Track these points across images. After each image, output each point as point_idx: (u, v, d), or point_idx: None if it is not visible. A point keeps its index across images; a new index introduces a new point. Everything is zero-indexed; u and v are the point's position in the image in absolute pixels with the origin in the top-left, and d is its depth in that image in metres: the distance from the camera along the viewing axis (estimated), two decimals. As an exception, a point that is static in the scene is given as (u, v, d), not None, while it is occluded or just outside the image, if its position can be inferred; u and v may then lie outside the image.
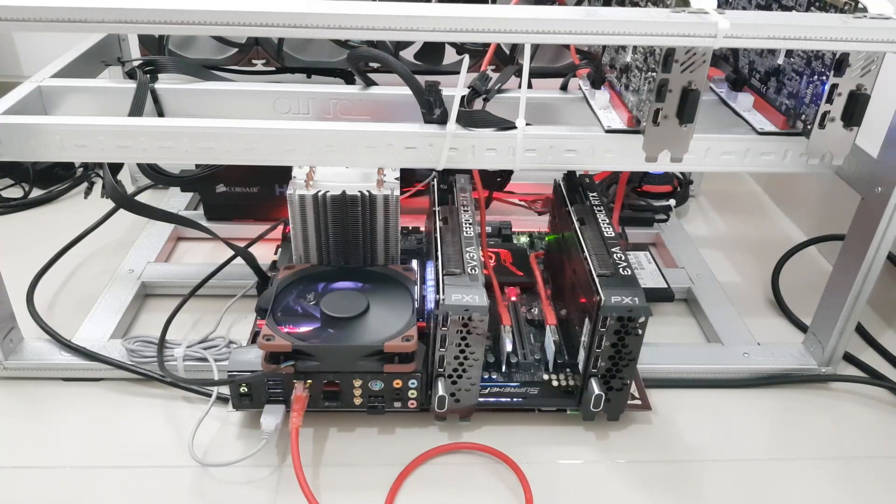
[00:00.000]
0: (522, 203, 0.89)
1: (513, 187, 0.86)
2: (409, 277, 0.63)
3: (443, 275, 0.56)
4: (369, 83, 0.66)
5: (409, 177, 0.78)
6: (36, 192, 0.95)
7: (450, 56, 0.76)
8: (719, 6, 0.48)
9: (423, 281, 0.66)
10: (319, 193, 0.63)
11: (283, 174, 0.66)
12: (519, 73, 0.56)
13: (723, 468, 0.59)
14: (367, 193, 0.63)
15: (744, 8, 0.66)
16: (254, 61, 0.76)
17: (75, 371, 0.64)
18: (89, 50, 0.75)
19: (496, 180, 0.81)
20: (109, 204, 0.72)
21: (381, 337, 0.56)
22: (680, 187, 0.92)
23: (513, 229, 0.84)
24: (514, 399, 0.60)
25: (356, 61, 0.66)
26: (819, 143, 0.54)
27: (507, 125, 0.56)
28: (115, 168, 0.69)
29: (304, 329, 0.57)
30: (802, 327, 0.75)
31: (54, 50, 0.72)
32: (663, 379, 0.66)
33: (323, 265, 0.66)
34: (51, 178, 0.96)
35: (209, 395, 0.61)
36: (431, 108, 0.57)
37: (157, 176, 0.70)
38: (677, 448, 0.60)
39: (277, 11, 0.45)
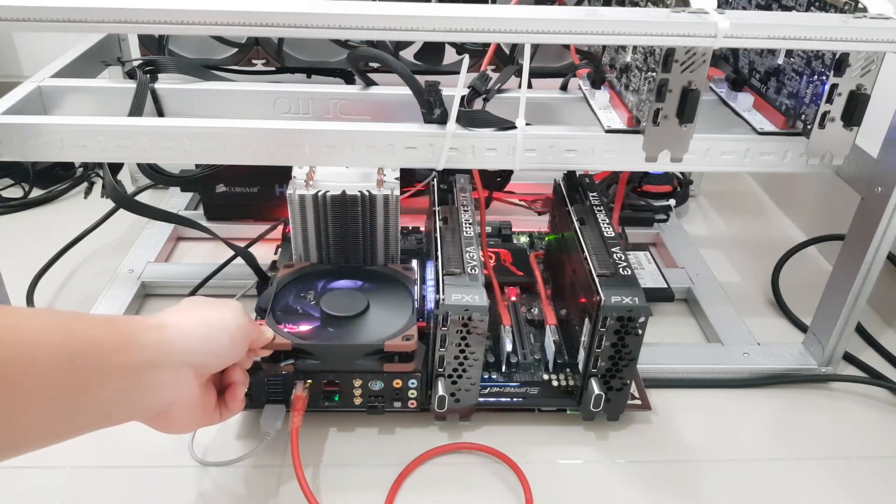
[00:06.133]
0: (522, 203, 0.89)
1: (513, 187, 0.86)
2: (409, 277, 0.63)
3: (443, 275, 0.56)
4: (369, 83, 0.66)
5: (409, 177, 0.78)
6: (36, 192, 0.95)
7: (450, 56, 0.76)
8: (719, 6, 0.48)
9: (423, 281, 0.66)
10: (319, 193, 0.63)
11: (283, 174, 0.66)
12: (519, 73, 0.56)
13: (723, 468, 0.59)
14: (367, 193, 0.63)
15: (744, 8, 0.66)
16: (254, 61, 0.76)
17: (75, 371, 0.64)
18: (89, 50, 0.76)
19: (496, 180, 0.81)
20: (109, 204, 0.72)
21: (382, 336, 0.56)
22: (680, 187, 0.92)
23: (513, 229, 0.84)
24: (514, 399, 0.60)
25: (356, 61, 0.66)
26: (819, 143, 0.54)
27: (507, 125, 0.56)
28: (115, 168, 0.69)
29: (303, 328, 0.57)
30: (802, 327, 0.75)
31: (54, 50, 0.72)
32: (663, 379, 0.66)
33: (323, 264, 0.66)
34: (51, 178, 0.96)
35: (209, 395, 0.61)
36: (431, 108, 0.57)
37: (157, 176, 0.70)
38: (677, 448, 0.60)
39: (277, 11, 0.45)
